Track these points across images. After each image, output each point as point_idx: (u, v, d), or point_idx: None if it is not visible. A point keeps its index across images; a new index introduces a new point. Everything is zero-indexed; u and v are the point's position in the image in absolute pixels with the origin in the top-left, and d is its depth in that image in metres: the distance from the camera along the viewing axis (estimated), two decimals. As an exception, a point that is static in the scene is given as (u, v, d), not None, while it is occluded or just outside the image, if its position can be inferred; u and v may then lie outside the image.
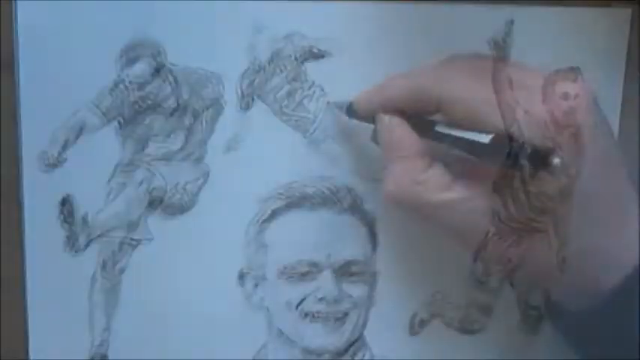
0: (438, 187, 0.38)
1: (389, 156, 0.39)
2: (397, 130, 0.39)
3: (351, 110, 0.42)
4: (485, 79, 0.37)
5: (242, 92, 0.43)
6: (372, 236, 0.45)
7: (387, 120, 0.40)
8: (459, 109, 0.37)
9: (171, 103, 0.43)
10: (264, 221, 0.44)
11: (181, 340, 0.45)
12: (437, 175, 0.38)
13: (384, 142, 0.40)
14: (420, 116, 0.40)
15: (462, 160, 0.38)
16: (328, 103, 0.44)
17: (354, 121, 0.42)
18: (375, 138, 0.41)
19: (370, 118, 0.41)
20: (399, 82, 0.40)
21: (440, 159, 0.39)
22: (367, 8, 0.43)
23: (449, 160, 0.39)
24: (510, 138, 0.35)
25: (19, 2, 0.41)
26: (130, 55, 0.42)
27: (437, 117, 0.39)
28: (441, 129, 0.38)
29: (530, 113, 0.36)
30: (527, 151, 0.34)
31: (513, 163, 0.34)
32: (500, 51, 0.44)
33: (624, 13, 0.44)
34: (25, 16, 0.41)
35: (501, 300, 0.46)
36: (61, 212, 0.43)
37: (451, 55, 0.40)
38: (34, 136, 0.42)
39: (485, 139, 0.36)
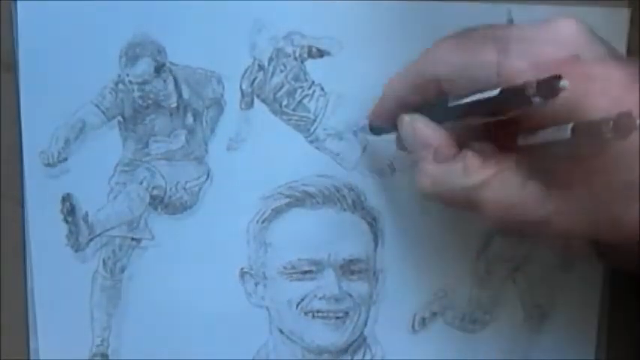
0: (470, 169, 0.37)
1: (417, 152, 0.39)
2: (418, 124, 0.39)
3: (372, 127, 0.43)
4: (475, 46, 0.37)
5: (242, 92, 0.44)
6: (374, 234, 0.45)
7: (408, 118, 0.40)
8: (459, 80, 0.37)
9: (171, 102, 0.43)
10: (265, 220, 0.44)
11: (182, 339, 0.45)
12: (467, 158, 0.38)
13: (409, 141, 0.40)
14: (431, 103, 0.39)
15: (487, 142, 0.38)
16: (354, 131, 0.44)
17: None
18: (400, 145, 0.42)
19: (392, 126, 0.41)
20: (396, 79, 0.40)
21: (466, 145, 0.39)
22: (366, 7, 0.43)
23: (474, 146, 0.39)
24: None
25: (19, 2, 0.41)
26: (131, 54, 0.42)
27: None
28: (452, 103, 0.38)
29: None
30: (533, 85, 0.32)
31: (527, 102, 0.33)
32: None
33: (622, 13, 0.44)
34: (25, 16, 0.41)
35: (504, 298, 0.46)
36: (62, 211, 0.43)
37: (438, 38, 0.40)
38: (35, 136, 0.42)
39: (494, 92, 0.35)
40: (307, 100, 0.44)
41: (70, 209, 0.43)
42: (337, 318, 0.45)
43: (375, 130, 0.43)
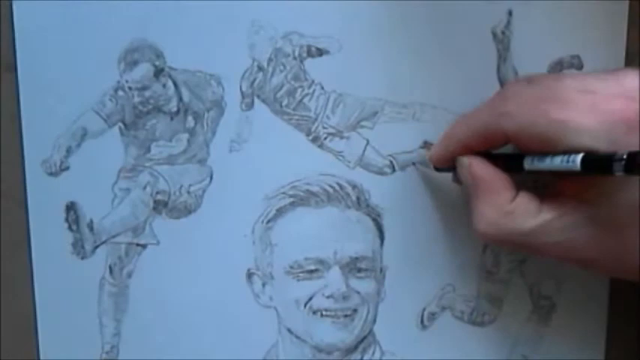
0: (527, 214, 0.38)
1: (474, 194, 0.40)
2: (476, 168, 0.40)
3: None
4: (540, 103, 0.37)
5: (242, 93, 0.43)
6: (379, 231, 0.45)
7: (466, 161, 0.40)
8: (526, 137, 0.37)
9: (172, 106, 0.43)
10: (270, 220, 0.44)
11: (191, 342, 0.45)
12: (524, 202, 0.38)
13: (467, 183, 0.40)
14: (508, 154, 0.40)
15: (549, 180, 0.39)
16: (414, 164, 0.44)
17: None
18: (455, 179, 0.42)
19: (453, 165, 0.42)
20: (460, 126, 0.41)
21: (528, 183, 0.40)
22: (365, 5, 0.43)
23: (536, 184, 0.40)
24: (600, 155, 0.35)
25: (15, 9, 0.41)
26: (129, 59, 0.42)
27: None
28: (529, 165, 0.38)
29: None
30: (622, 159, 0.33)
31: (608, 173, 0.34)
32: (500, 43, 0.44)
33: (622, 6, 0.44)
34: (22, 23, 0.41)
35: (511, 291, 0.46)
36: (67, 219, 0.43)
37: (506, 84, 0.41)
38: (37, 144, 0.42)
39: (576, 165, 0.35)
40: (308, 100, 0.44)
41: (74, 218, 0.43)
42: (345, 316, 0.45)
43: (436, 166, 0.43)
